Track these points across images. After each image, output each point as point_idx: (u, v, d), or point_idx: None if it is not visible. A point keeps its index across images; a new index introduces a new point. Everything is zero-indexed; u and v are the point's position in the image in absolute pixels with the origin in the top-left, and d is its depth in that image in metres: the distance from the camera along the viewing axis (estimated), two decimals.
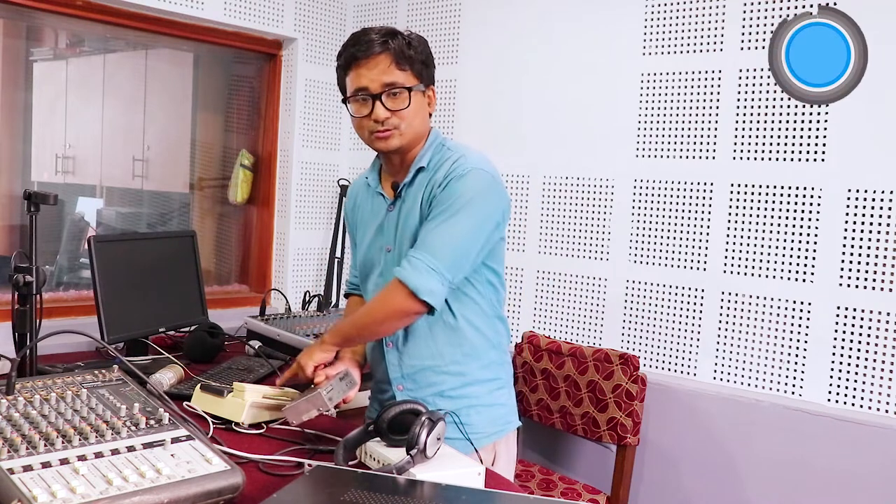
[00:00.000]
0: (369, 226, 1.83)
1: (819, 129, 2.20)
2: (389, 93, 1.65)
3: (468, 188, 1.64)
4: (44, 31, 3.11)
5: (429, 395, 1.73)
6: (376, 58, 1.65)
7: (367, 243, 1.83)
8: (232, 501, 1.25)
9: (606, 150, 2.61)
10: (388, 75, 1.65)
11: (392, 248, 1.76)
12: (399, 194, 1.75)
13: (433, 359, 1.73)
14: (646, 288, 2.53)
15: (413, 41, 1.68)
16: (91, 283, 2.22)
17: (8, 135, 2.95)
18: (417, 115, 1.69)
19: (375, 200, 1.82)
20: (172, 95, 3.38)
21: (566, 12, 2.69)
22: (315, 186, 3.28)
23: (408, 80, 1.67)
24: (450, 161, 1.69)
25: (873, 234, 2.12)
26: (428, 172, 1.72)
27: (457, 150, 1.72)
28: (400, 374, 1.76)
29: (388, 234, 1.77)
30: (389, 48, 1.64)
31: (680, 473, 2.43)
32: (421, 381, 1.75)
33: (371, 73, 1.65)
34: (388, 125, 1.66)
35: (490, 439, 1.76)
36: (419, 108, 1.70)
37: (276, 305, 3.19)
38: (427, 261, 1.59)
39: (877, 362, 2.12)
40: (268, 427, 1.70)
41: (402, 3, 3.14)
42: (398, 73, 1.65)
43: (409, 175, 1.73)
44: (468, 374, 1.75)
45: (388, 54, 1.64)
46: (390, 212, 1.77)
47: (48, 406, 1.35)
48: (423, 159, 1.72)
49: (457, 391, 1.74)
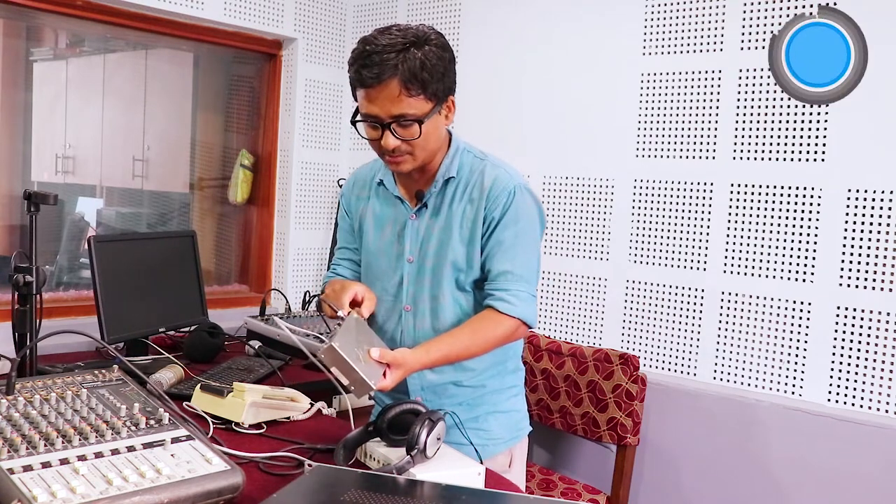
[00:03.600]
0: (383, 228, 1.75)
1: (819, 129, 2.20)
2: (399, 123, 1.53)
3: (526, 206, 1.65)
4: (44, 31, 3.10)
5: (449, 406, 1.70)
6: (385, 84, 1.49)
7: (378, 247, 1.76)
8: (232, 501, 1.25)
9: (606, 150, 2.61)
10: (398, 106, 1.51)
11: (414, 259, 1.70)
12: (425, 203, 1.69)
13: (457, 373, 1.71)
14: (646, 288, 2.53)
15: (429, 58, 1.51)
16: (91, 283, 2.22)
17: (8, 135, 2.95)
18: (431, 138, 1.59)
19: (392, 204, 1.74)
20: (172, 95, 3.38)
21: (566, 12, 2.69)
22: (315, 186, 3.28)
23: (420, 107, 1.52)
24: (488, 175, 1.65)
25: (873, 234, 2.12)
26: (458, 182, 1.67)
27: (488, 160, 1.69)
28: (420, 388, 1.74)
29: (411, 243, 1.70)
30: (398, 72, 1.48)
31: (680, 473, 2.43)
32: (441, 392, 1.74)
33: (379, 102, 1.51)
34: (399, 152, 1.57)
35: (507, 445, 1.77)
36: (433, 130, 1.58)
37: (276, 305, 3.19)
38: (527, 289, 1.64)
39: (877, 362, 2.12)
40: (268, 427, 1.70)
41: (402, 3, 3.14)
42: (409, 102, 1.51)
43: (437, 185, 1.67)
44: (488, 385, 1.75)
45: (398, 81, 1.49)
46: (412, 220, 1.70)
47: (48, 406, 1.35)
48: (451, 169, 1.66)
49: (477, 400, 1.74)
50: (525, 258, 1.65)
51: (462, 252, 1.66)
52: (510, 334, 1.64)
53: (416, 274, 1.69)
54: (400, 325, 1.72)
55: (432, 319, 1.69)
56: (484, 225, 1.64)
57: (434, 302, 1.69)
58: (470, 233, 1.65)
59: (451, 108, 1.62)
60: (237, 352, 2.51)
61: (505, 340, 1.65)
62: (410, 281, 1.70)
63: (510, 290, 1.62)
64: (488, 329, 1.62)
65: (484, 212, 1.64)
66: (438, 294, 1.68)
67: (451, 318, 1.68)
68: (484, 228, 1.64)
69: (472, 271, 1.67)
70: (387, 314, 1.75)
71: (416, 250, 1.69)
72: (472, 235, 1.65)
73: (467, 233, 1.65)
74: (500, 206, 1.62)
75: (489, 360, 1.72)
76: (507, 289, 1.62)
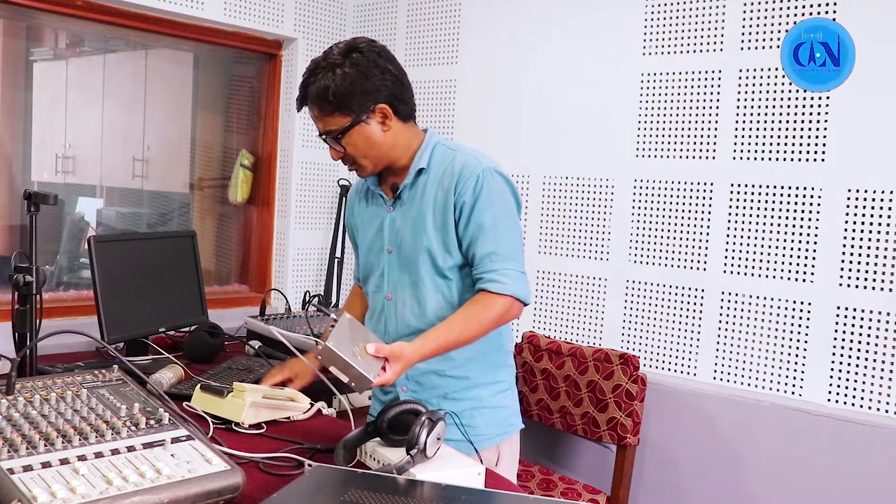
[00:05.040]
0: (369, 227, 1.85)
1: (819, 129, 2.20)
2: (330, 137, 1.69)
3: (498, 186, 1.69)
4: (44, 31, 3.10)
5: (433, 398, 1.75)
6: (309, 108, 1.69)
7: (368, 245, 1.85)
8: (232, 501, 1.25)
9: (606, 150, 2.61)
10: (321, 123, 1.69)
11: (392, 248, 1.78)
12: (399, 195, 1.76)
13: (438, 362, 1.73)
14: (646, 288, 2.53)
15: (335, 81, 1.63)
16: (91, 283, 2.22)
17: (8, 135, 2.95)
18: (372, 146, 1.69)
19: (375, 201, 1.84)
20: (172, 95, 3.37)
21: (566, 12, 2.69)
22: (315, 186, 3.28)
23: (337, 122, 1.66)
24: (458, 162, 1.70)
25: (873, 234, 2.12)
26: (431, 173, 1.73)
27: (460, 149, 1.74)
28: (405, 377, 1.75)
29: (388, 234, 1.78)
30: (310, 99, 1.67)
31: (680, 473, 2.43)
32: (426, 383, 1.77)
33: (314, 121, 1.71)
34: (347, 161, 1.72)
35: (493, 441, 1.78)
36: (367, 138, 1.68)
37: (276, 305, 3.19)
38: (514, 267, 1.67)
39: (877, 362, 2.12)
40: (268, 427, 1.70)
41: (402, 3, 3.14)
42: (327, 120, 1.68)
43: (410, 177, 1.74)
44: (472, 378, 1.77)
45: (313, 106, 1.68)
46: (389, 213, 1.78)
47: (48, 406, 1.35)
48: (422, 160, 1.73)
49: (461, 393, 1.76)
50: (507, 237, 1.68)
51: (437, 238, 1.70)
52: (504, 313, 1.66)
53: (396, 264, 1.77)
54: (384, 314, 1.79)
55: (413, 306, 1.75)
56: (456, 210, 1.68)
57: (414, 289, 1.74)
58: (442, 218, 1.70)
59: (385, 114, 1.68)
60: (237, 352, 2.51)
61: (500, 320, 1.67)
62: (391, 270, 1.78)
63: (498, 270, 1.65)
64: (481, 311, 1.65)
65: (455, 196, 1.68)
66: (418, 281, 1.73)
67: (434, 304, 1.73)
68: (457, 214, 1.68)
69: (451, 257, 1.71)
70: (374, 306, 1.84)
71: (395, 240, 1.76)
72: (444, 221, 1.70)
73: (440, 219, 1.70)
74: (469, 189, 1.66)
75: (472, 350, 1.73)
76: (495, 269, 1.66)
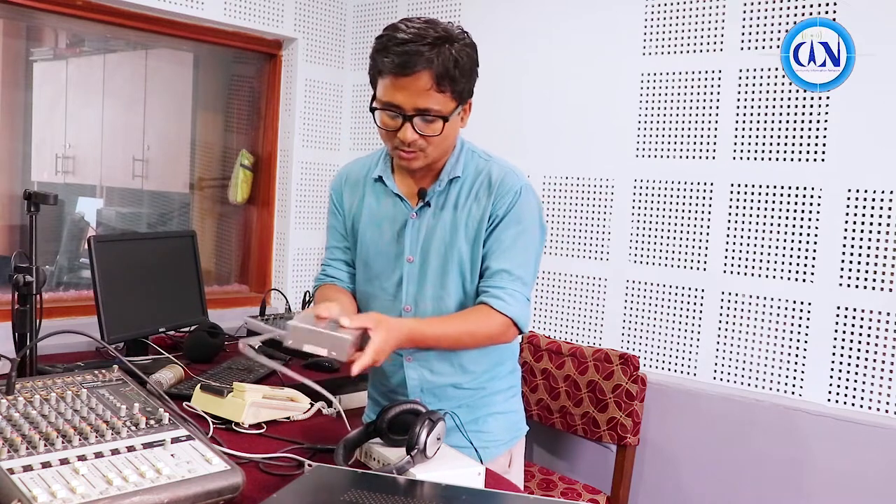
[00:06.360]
0: (381, 227, 1.70)
1: (819, 130, 2.20)
2: (423, 117, 1.50)
3: (530, 208, 1.63)
4: (44, 31, 3.10)
5: (448, 408, 1.66)
6: (417, 76, 1.45)
7: (378, 247, 1.71)
8: (232, 501, 1.25)
9: (606, 150, 2.61)
10: (424, 99, 1.47)
11: (414, 258, 1.66)
12: (427, 202, 1.65)
13: (456, 376, 1.70)
14: (646, 288, 2.53)
15: (462, 55, 1.48)
16: (91, 283, 2.22)
17: (8, 135, 2.95)
18: (448, 138, 1.56)
19: (391, 202, 1.69)
20: (172, 95, 3.37)
21: (566, 12, 2.69)
22: (315, 186, 3.28)
23: (445, 105, 1.50)
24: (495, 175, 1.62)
25: (873, 234, 2.12)
26: (463, 182, 1.64)
27: (493, 160, 1.66)
28: (420, 389, 1.72)
29: (410, 242, 1.66)
30: (432, 66, 1.45)
31: (680, 473, 2.43)
32: (441, 395, 1.72)
33: (407, 92, 1.47)
34: (415, 147, 1.53)
35: (507, 446, 1.76)
36: (451, 131, 1.55)
37: (276, 305, 3.19)
38: (522, 291, 1.59)
39: (877, 362, 2.12)
40: (268, 427, 1.70)
41: (402, 3, 3.14)
42: (436, 98, 1.48)
43: (442, 184, 1.63)
44: (488, 387, 1.74)
45: (430, 73, 1.45)
46: (413, 219, 1.65)
47: (48, 406, 1.35)
48: (456, 168, 1.63)
49: (476, 402, 1.73)
50: (523, 259, 1.62)
51: (467, 252, 1.63)
52: (499, 334, 1.59)
53: (417, 274, 1.66)
54: None
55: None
56: (487, 222, 1.61)
57: (438, 302, 1.65)
58: (475, 232, 1.62)
59: (467, 112, 1.60)
60: (237, 352, 2.51)
61: (492, 339, 1.60)
62: (411, 281, 1.66)
63: (505, 289, 1.58)
64: (479, 321, 1.57)
65: (490, 209, 1.61)
66: (443, 295, 1.64)
67: None
68: (487, 225, 1.61)
69: (476, 272, 1.64)
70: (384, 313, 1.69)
71: (417, 250, 1.66)
72: (476, 234, 1.62)
73: (472, 232, 1.62)
74: (504, 204, 1.60)
75: (488, 363, 1.71)
76: (503, 287, 1.58)
